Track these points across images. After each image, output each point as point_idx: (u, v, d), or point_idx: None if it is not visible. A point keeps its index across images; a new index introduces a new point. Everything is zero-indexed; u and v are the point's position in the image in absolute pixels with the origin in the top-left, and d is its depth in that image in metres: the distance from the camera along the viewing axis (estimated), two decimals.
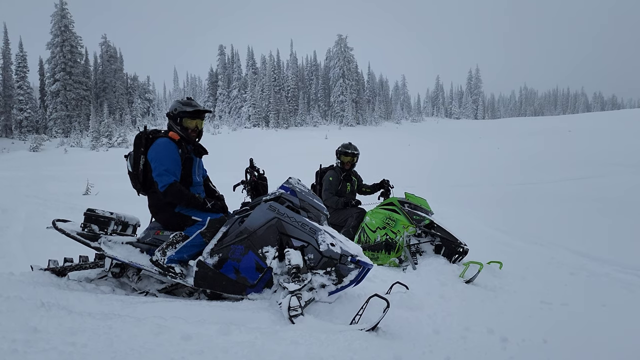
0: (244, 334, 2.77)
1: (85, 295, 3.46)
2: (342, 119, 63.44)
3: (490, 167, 17.66)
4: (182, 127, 3.97)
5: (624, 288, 4.72)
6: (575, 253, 6.30)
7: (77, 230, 3.89)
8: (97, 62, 54.93)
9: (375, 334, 2.96)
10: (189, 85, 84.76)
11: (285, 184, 3.89)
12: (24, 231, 7.23)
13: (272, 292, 3.54)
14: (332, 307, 3.45)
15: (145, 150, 3.88)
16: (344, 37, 66.96)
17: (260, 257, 3.51)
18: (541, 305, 4.12)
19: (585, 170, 14.61)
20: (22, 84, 46.20)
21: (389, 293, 3.92)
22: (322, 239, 3.51)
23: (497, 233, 7.90)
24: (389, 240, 5.60)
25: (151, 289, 3.93)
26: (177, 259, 3.66)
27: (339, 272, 3.46)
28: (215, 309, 3.29)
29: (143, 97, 57.89)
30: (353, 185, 6.58)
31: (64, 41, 46.76)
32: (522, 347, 3.07)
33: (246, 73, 66.36)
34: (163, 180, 3.71)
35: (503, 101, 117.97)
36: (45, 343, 2.44)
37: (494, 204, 10.80)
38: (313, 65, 71.85)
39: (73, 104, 47.05)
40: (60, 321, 2.76)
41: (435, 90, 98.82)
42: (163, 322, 2.84)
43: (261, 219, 3.60)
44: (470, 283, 4.72)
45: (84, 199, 12.18)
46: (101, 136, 39.76)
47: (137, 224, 4.34)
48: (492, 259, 5.23)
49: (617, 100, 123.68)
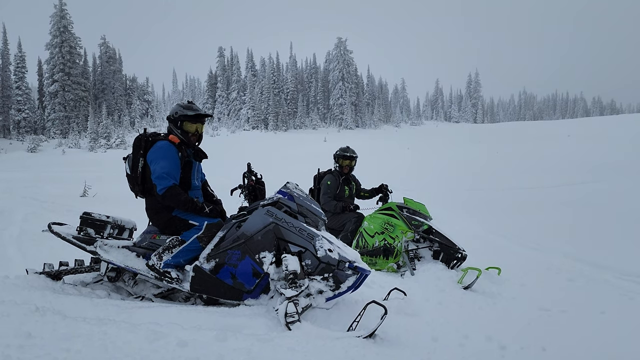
0: (240, 340, 2.75)
1: (80, 299, 3.43)
2: (341, 122, 63.46)
3: (489, 171, 17.65)
4: (182, 131, 3.96)
5: (623, 295, 4.71)
6: (574, 259, 6.28)
7: (73, 234, 3.88)
8: (96, 63, 54.84)
9: (373, 341, 2.95)
10: (188, 87, 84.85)
11: (283, 189, 3.87)
12: (20, 234, 7.19)
13: (269, 298, 3.52)
14: (329, 313, 3.43)
15: (145, 153, 3.86)
16: (343, 39, 67.05)
17: (257, 263, 3.49)
18: (540, 312, 4.10)
19: (584, 175, 14.60)
20: (20, 85, 46.08)
21: (386, 299, 3.90)
22: (320, 244, 3.49)
23: (496, 238, 7.88)
24: (387, 246, 5.58)
25: (147, 294, 3.91)
26: (173, 263, 3.64)
27: (337, 278, 3.44)
28: (212, 314, 3.27)
29: (142, 98, 57.82)
30: (351, 190, 6.56)
31: (63, 42, 46.70)
32: (520, 355, 3.05)
33: (245, 75, 66.39)
34: (162, 183, 3.69)
35: (502, 105, 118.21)
36: (39, 349, 2.41)
37: (493, 208, 10.78)
38: (312, 68, 71.91)
39: (71, 104, 46.95)
40: (54, 326, 2.73)
41: (435, 93, 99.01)
42: (159, 328, 2.81)
43: (258, 224, 3.58)
44: (468, 289, 4.70)
45: (81, 201, 12.13)
46: (99, 137, 39.69)
47: (134, 227, 4.32)
48: (490, 265, 5.21)
49: (615, 105, 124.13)
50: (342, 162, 6.42)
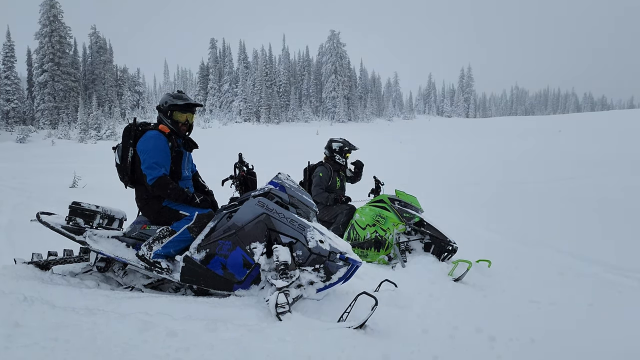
0: (230, 330, 2.75)
1: (69, 289, 3.41)
2: (334, 115, 63.42)
3: (480, 166, 17.75)
4: (172, 121, 3.92)
5: (612, 288, 4.76)
6: (563, 253, 6.34)
7: (61, 224, 3.84)
8: (86, 53, 54.22)
9: (363, 331, 2.95)
10: (179, 78, 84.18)
11: (275, 180, 3.85)
12: (9, 224, 7.13)
13: (260, 289, 3.52)
14: (320, 304, 3.43)
15: (134, 143, 3.83)
16: (336, 32, 66.90)
17: (248, 253, 3.48)
18: (529, 304, 4.13)
19: (574, 170, 14.72)
20: (9, 74, 45.42)
21: (377, 291, 3.91)
22: (311, 235, 3.48)
23: (487, 232, 7.93)
24: (378, 238, 5.59)
25: (137, 284, 3.88)
26: (163, 254, 3.62)
27: (328, 270, 3.43)
28: (202, 305, 3.26)
29: (133, 89, 57.32)
30: (342, 181, 6.57)
31: (53, 31, 46.06)
32: (509, 346, 3.07)
33: (238, 67, 66.02)
34: (152, 173, 3.66)
35: (494, 100, 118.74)
36: (27, 338, 2.40)
37: (484, 203, 10.84)
38: (305, 61, 71.68)
39: (61, 95, 46.41)
40: (43, 316, 2.72)
41: (427, 88, 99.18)
42: (148, 318, 2.80)
43: (249, 215, 3.56)
44: (459, 281, 4.73)
45: (70, 191, 12.04)
46: (89, 128, 39.29)
47: (124, 217, 4.29)
48: (481, 258, 5.24)
49: (606, 101, 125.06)
50: (346, 155, 6.46)
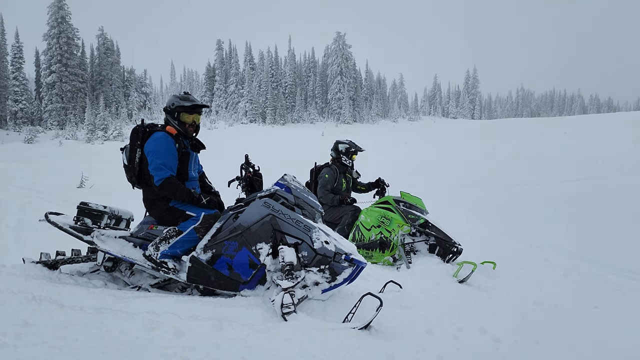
0: (236, 330, 2.76)
1: (77, 289, 3.44)
2: (339, 117, 63.35)
3: (486, 167, 17.69)
4: (179, 122, 3.95)
5: (616, 290, 4.75)
6: (568, 255, 6.33)
7: (69, 224, 3.88)
8: (94, 55, 54.52)
9: (368, 332, 2.96)
10: (186, 79, 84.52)
11: (281, 181, 3.87)
12: (17, 223, 7.19)
13: (265, 289, 3.53)
14: (325, 305, 3.44)
15: (142, 144, 3.86)
16: (342, 34, 66.83)
17: (254, 254, 3.50)
18: (534, 306, 4.13)
19: (579, 172, 14.65)
20: (17, 75, 45.79)
21: (382, 292, 3.92)
22: (317, 236, 3.50)
23: (492, 233, 7.92)
24: (383, 239, 5.60)
25: (144, 284, 3.92)
26: (170, 254, 3.65)
27: (333, 270, 3.45)
28: (208, 305, 3.28)
29: (139, 90, 57.55)
30: (348, 182, 6.59)
31: (61, 33, 46.39)
32: (514, 348, 3.08)
33: (244, 68, 66.16)
34: (159, 174, 3.70)
35: (500, 102, 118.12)
36: (35, 337, 2.42)
37: (489, 204, 10.82)
38: (311, 62, 71.68)
39: (69, 96, 46.70)
40: (51, 315, 2.74)
41: (433, 89, 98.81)
42: (155, 318, 2.82)
43: (255, 216, 3.58)
44: (463, 283, 4.73)
45: (78, 191, 12.13)
46: (97, 129, 39.47)
47: (131, 218, 4.32)
48: (486, 259, 5.24)
49: (613, 103, 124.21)
50: (353, 157, 6.48)
